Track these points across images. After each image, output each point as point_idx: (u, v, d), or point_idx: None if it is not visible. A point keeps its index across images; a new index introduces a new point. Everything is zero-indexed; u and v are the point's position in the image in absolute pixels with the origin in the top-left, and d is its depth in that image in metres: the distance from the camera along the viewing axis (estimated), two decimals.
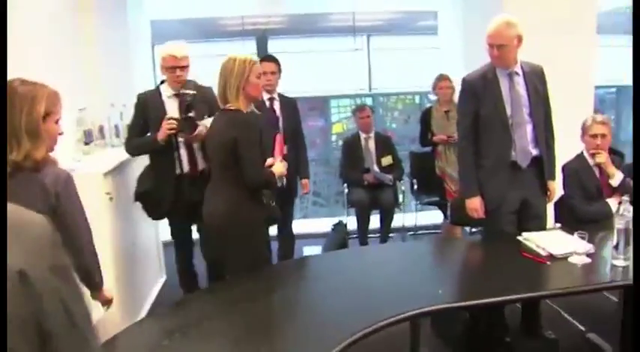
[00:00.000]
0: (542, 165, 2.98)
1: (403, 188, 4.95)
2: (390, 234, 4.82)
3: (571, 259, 2.52)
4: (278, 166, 2.70)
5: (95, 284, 2.08)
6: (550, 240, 2.70)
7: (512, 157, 2.91)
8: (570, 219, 3.30)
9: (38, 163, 1.80)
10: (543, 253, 2.59)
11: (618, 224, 2.43)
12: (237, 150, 2.51)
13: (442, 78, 4.59)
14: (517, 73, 2.89)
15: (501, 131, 2.88)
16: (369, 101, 7.46)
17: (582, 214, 3.23)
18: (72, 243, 1.87)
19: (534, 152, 2.94)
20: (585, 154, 3.32)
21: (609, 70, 6.47)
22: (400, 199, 4.83)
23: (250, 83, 2.59)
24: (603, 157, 3.24)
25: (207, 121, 2.95)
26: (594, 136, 3.22)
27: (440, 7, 5.43)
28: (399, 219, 4.87)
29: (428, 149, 4.77)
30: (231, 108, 2.59)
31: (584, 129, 3.26)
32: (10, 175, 1.73)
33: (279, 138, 2.88)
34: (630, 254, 2.43)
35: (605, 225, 3.15)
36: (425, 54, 7.08)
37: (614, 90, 7.70)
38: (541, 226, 3.01)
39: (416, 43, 7.42)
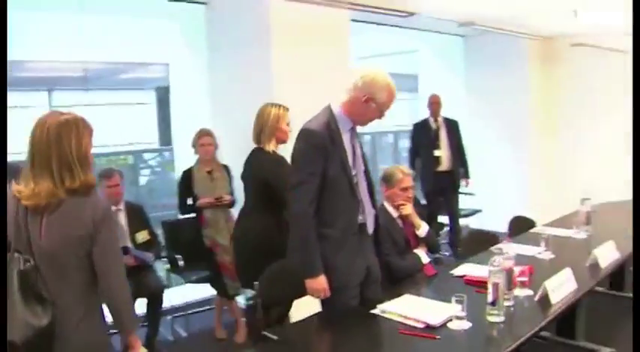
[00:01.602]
0: (377, 224, 2.71)
1: (166, 266, 4.14)
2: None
3: (451, 325, 2.29)
4: None
5: (123, 326, 1.94)
6: (411, 308, 2.44)
7: (360, 221, 2.55)
8: (384, 276, 3.13)
9: (92, 187, 1.83)
10: (420, 325, 2.31)
11: (494, 278, 2.31)
12: (272, 190, 3.10)
13: (203, 133, 4.02)
14: (353, 127, 2.60)
15: (348, 193, 2.49)
16: None
17: (398, 270, 3.09)
18: (103, 274, 1.84)
19: (373, 211, 2.67)
20: (387, 206, 3.21)
21: None
22: (165, 280, 4.03)
23: (281, 129, 3.19)
24: (409, 208, 3.19)
25: None
26: (405, 189, 3.15)
27: (171, 59, 4.86)
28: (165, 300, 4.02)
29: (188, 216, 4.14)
30: (262, 147, 3.21)
31: (394, 183, 3.16)
32: (64, 199, 1.80)
33: None
34: (504, 309, 2.34)
35: (417, 279, 3.10)
36: (134, 110, 6.40)
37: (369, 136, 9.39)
38: (378, 291, 2.72)
39: (124, 98, 6.60)
